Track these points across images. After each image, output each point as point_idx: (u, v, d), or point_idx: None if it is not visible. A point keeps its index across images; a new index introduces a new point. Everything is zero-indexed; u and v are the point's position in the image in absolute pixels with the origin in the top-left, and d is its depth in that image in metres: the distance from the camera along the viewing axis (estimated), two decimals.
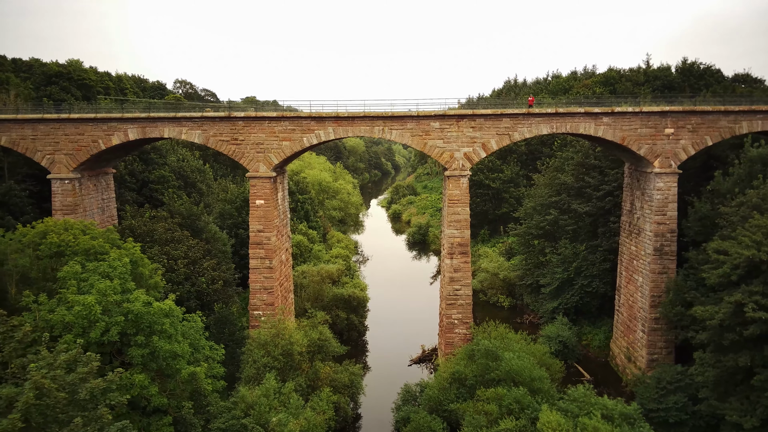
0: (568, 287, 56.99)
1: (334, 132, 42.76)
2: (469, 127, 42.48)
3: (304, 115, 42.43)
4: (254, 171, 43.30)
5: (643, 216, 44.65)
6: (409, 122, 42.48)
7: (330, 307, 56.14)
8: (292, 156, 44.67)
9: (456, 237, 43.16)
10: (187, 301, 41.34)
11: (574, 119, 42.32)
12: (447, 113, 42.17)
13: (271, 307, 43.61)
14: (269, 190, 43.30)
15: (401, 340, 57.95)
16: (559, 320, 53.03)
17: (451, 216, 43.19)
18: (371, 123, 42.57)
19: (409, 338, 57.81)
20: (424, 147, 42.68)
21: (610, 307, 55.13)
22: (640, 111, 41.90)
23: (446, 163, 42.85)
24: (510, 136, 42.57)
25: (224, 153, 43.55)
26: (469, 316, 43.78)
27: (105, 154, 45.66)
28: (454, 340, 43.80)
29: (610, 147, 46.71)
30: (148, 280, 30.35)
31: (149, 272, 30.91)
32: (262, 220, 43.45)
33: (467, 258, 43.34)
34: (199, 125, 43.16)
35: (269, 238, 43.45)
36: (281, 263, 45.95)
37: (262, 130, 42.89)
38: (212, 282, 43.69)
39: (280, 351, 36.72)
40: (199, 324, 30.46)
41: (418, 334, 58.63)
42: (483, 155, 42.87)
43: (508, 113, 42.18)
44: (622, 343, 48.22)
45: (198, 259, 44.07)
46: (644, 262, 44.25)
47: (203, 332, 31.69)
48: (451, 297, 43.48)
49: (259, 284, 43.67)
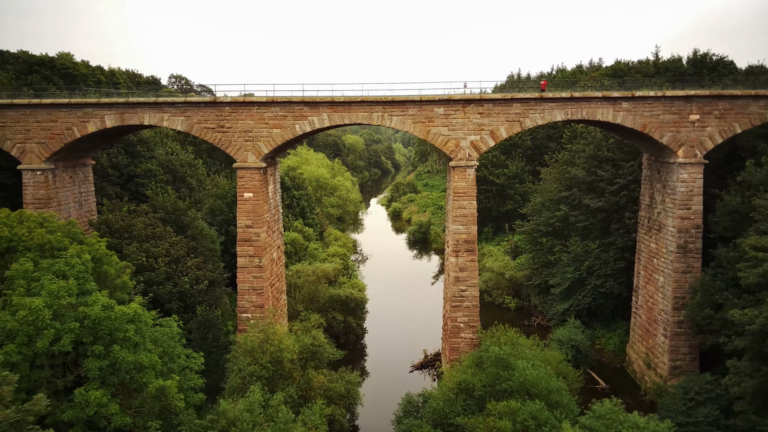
0: (579, 288, 53.44)
1: (329, 119, 39.22)
2: (477, 113, 38.94)
3: (297, 99, 38.88)
4: (242, 161, 39.77)
5: (665, 210, 41.12)
6: (411, 108, 38.95)
7: (326, 308, 52.63)
8: (284, 145, 41.14)
9: (462, 233, 39.62)
10: (168, 302, 37.83)
11: (590, 104, 38.79)
12: (452, 98, 38.65)
13: (261, 309, 40.09)
14: (258, 181, 39.77)
15: (402, 343, 54.42)
16: (571, 323, 49.48)
17: (457, 210, 39.67)
18: (369, 108, 39.04)
19: (411, 342, 54.29)
20: (427, 135, 39.15)
21: (625, 309, 51.59)
22: (663, 95, 38.38)
23: (451, 152, 39.32)
24: (521, 123, 39.04)
25: (210, 141, 40.02)
26: (476, 319, 40.26)
27: (82, 144, 42.13)
28: (460, 345, 40.28)
29: (628, 136, 43.17)
30: (113, 280, 26.75)
31: (115, 271, 27.29)
32: (250, 214, 39.92)
33: (474, 256, 39.81)
34: (182, 111, 39.62)
35: (258, 235, 39.93)
36: (272, 262, 42.42)
37: (251, 116, 39.36)
38: (197, 282, 40.14)
39: (269, 358, 33.20)
40: (175, 329, 26.90)
41: (420, 337, 55.10)
42: (491, 144, 39.33)
43: (519, 98, 38.66)
44: (641, 348, 44.67)
45: (181, 257, 40.52)
46: (666, 260, 40.71)
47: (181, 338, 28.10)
48: (456, 298, 39.95)
49: (247, 284, 40.13)
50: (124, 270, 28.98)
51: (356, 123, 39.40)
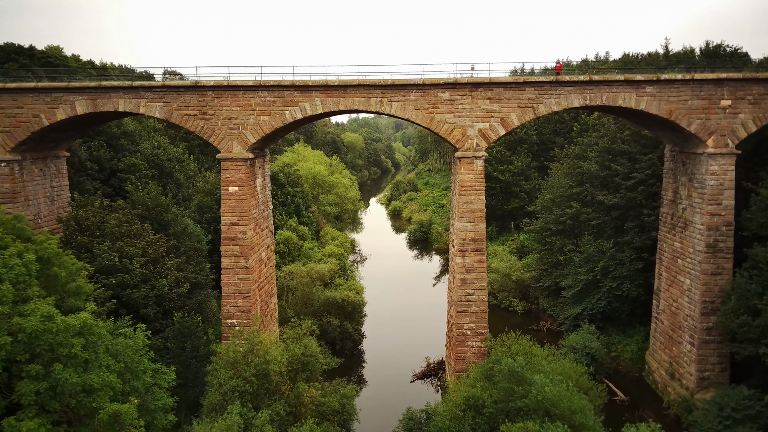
0: (593, 290, 49.78)
1: (322, 104, 35.53)
2: (485, 99, 35.26)
3: (286, 83, 35.19)
4: (226, 151, 36.10)
5: (692, 206, 37.43)
6: (413, 92, 35.26)
7: (321, 312, 48.96)
8: (273, 134, 37.45)
9: (469, 231, 35.94)
10: (144, 307, 34.14)
11: (611, 89, 35.10)
12: (458, 81, 34.96)
13: (248, 314, 36.40)
14: (245, 174, 36.08)
15: (402, 350, 50.76)
16: (585, 328, 45.79)
17: (463, 206, 35.98)
18: (367, 93, 35.35)
19: (412, 348, 50.63)
20: (430, 123, 35.47)
21: (643, 314, 47.90)
22: (691, 78, 34.69)
23: (457, 141, 35.64)
24: (534, 109, 35.35)
25: (191, 130, 36.34)
26: (484, 325, 36.57)
27: (52, 133, 38.46)
28: (467, 354, 36.60)
29: (651, 124, 39.48)
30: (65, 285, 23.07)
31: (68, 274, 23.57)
32: (236, 210, 36.24)
33: (482, 256, 36.12)
34: (161, 96, 35.94)
35: (245, 233, 36.24)
36: (260, 262, 38.74)
37: (236, 101, 35.67)
38: (177, 284, 36.43)
39: (254, 371, 29.48)
40: (140, 341, 23.21)
41: (422, 343, 51.45)
42: (501, 132, 35.64)
43: (533, 81, 34.98)
44: (663, 356, 40.99)
45: (160, 257, 36.81)
46: (693, 261, 37.04)
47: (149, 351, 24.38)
48: (462, 303, 36.26)
49: (233, 287, 36.44)
50: (79, 272, 25.27)
51: (352, 110, 35.73)
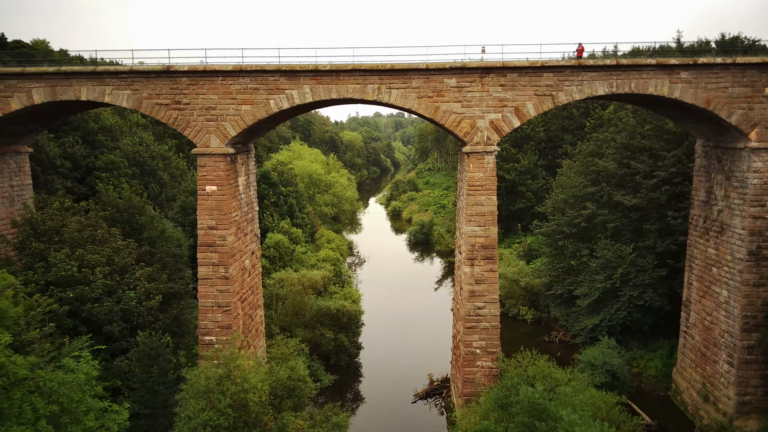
0: (611, 299, 45.50)
1: (311, 92, 31.22)
2: (498, 86, 30.95)
3: (271, 68, 30.88)
4: (203, 146, 31.80)
5: (729, 208, 33.15)
6: (415, 78, 30.95)
7: (313, 324, 44.67)
8: (257, 126, 33.14)
9: (479, 236, 31.64)
10: (108, 324, 29.83)
11: (641, 74, 30.80)
12: (467, 65, 30.65)
13: (228, 330, 32.10)
14: (224, 172, 31.77)
15: (403, 364, 46.47)
16: (604, 342, 41.53)
17: (472, 208, 31.69)
18: (363, 79, 31.04)
19: (413, 362, 46.37)
20: (435, 113, 31.16)
21: (668, 326, 43.69)
22: (732, 63, 30.38)
23: (465, 135, 31.33)
24: (553, 98, 31.04)
25: (162, 121, 32.02)
26: (495, 343, 32.28)
27: (9, 125, 34.18)
28: (476, 375, 32.31)
29: (683, 115, 35.16)
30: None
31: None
32: (214, 213, 31.92)
33: (494, 265, 31.82)
34: (128, 83, 31.61)
35: (224, 238, 31.93)
36: (243, 271, 34.42)
37: (214, 89, 31.35)
38: (147, 297, 32.09)
39: (229, 401, 25.17)
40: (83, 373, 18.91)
41: (424, 356, 47.18)
42: (516, 124, 31.34)
43: (552, 65, 30.67)
44: (694, 375, 36.71)
45: (128, 265, 32.49)
46: (731, 270, 32.76)
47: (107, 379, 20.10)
48: (471, 318, 31.95)
49: (210, 300, 32.13)
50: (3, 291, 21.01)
51: (346, 98, 31.39)
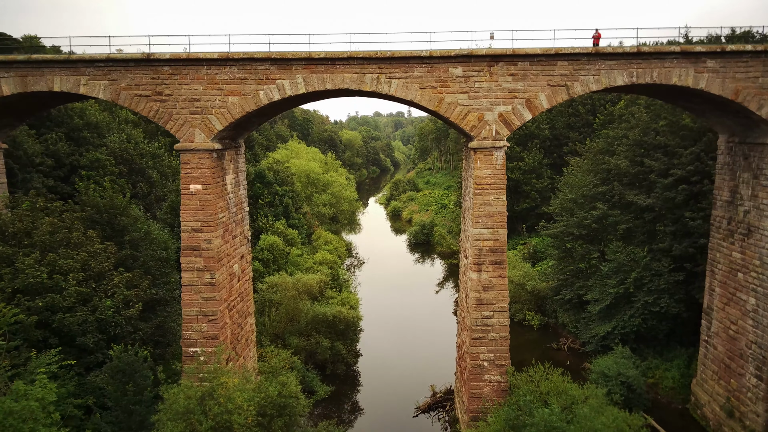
0: (624, 305, 42.92)
1: (304, 82, 28.66)
2: (507, 75, 28.40)
3: (260, 55, 28.31)
4: (187, 141, 29.25)
5: (758, 209, 30.61)
6: (418, 67, 28.39)
7: (308, 331, 42.10)
8: (246, 120, 30.57)
9: (486, 239, 29.09)
10: (82, 335, 27.26)
11: (663, 63, 28.25)
12: (474, 53, 28.09)
13: (214, 341, 29.55)
14: (209, 169, 29.22)
15: (403, 373, 43.93)
16: (618, 351, 38.98)
17: (479, 208, 29.14)
18: (360, 68, 28.48)
19: (414, 371, 43.86)
20: (439, 105, 28.60)
21: (684, 333, 41.18)
22: (764, 50, 27.82)
23: (472, 129, 28.78)
24: (568, 88, 28.49)
25: (143, 114, 29.45)
26: (504, 355, 29.73)
27: None
28: (483, 391, 29.75)
29: (704, 109, 32.61)
30: None
31: None
32: (198, 213, 29.36)
33: (503, 270, 29.27)
34: (105, 73, 29.04)
35: (210, 241, 29.37)
36: (232, 277, 31.86)
37: (198, 79, 28.79)
38: (126, 305, 29.51)
39: (212, 423, 22.67)
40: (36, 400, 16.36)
41: (426, 365, 44.69)
42: (527, 117, 28.79)
43: (567, 53, 28.12)
44: (716, 389, 34.17)
45: (106, 271, 29.91)
46: (760, 275, 30.22)
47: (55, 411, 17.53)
48: (478, 328, 29.39)
49: (195, 308, 29.57)
50: None
51: (342, 89, 28.82)
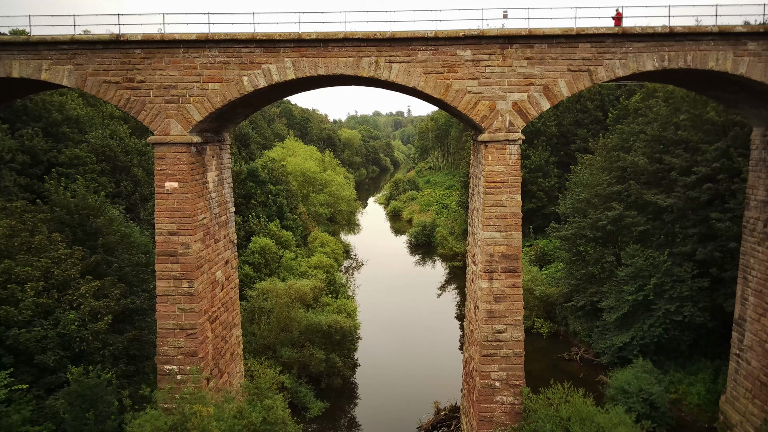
0: (643, 314, 39.76)
1: (294, 67, 25.44)
2: (523, 59, 25.19)
3: (244, 36, 25.11)
4: (162, 133, 26.02)
5: None
6: (422, 49, 25.18)
7: (301, 342, 38.89)
8: (229, 110, 27.34)
9: (499, 244, 25.85)
10: (41, 353, 24.05)
11: (699, 45, 25.04)
12: (485, 34, 24.88)
13: (193, 358, 26.34)
14: (187, 165, 26.00)
15: (405, 388, 40.72)
16: (639, 365, 35.80)
17: (491, 209, 25.90)
18: (357, 51, 25.26)
19: (416, 385, 40.70)
20: (445, 93, 25.38)
21: (709, 345, 38.11)
22: None
23: (482, 120, 25.56)
24: (591, 74, 25.27)
25: (112, 103, 26.24)
26: (519, 374, 26.50)
27: None
28: (494, 413, 26.52)
29: (739, 99, 29.38)
30: None
31: None
32: (175, 215, 26.16)
33: (517, 279, 26.04)
34: (70, 57, 25.82)
35: (188, 246, 26.16)
36: (214, 285, 28.63)
37: (175, 63, 25.57)
38: (93, 318, 26.29)
39: None
40: None
41: (429, 377, 41.58)
42: (545, 107, 25.58)
43: (589, 34, 24.91)
44: (750, 408, 30.96)
45: (71, 279, 26.70)
46: None
47: None
48: (489, 344, 26.16)
49: (171, 321, 26.36)
50: None
51: (336, 74, 25.59)
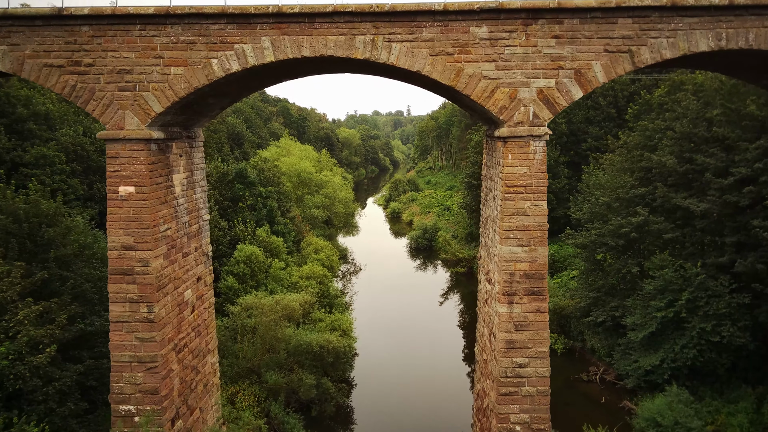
0: (674, 332, 35.45)
1: (273, 47, 21.05)
2: (550, 38, 20.81)
3: (213, 11, 20.73)
4: (115, 127, 21.61)
5: None
6: (428, 26, 20.79)
7: (290, 364, 34.52)
8: (196, 99, 22.93)
9: (520, 260, 21.45)
10: None
11: (764, 21, 20.68)
12: (504, 6, 20.49)
13: (154, 396, 21.95)
14: (146, 165, 21.59)
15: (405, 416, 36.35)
16: (674, 393, 31.50)
17: (511, 219, 21.49)
18: (349, 27, 20.87)
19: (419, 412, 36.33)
20: (456, 79, 20.99)
21: (751, 368, 33.71)
22: None
23: (501, 111, 21.17)
24: (632, 56, 20.87)
25: (55, 91, 21.87)
26: (544, 416, 22.10)
27: None
28: None
29: None
30: None
31: None
32: (131, 225, 21.74)
33: (542, 303, 21.64)
34: (4, 35, 21.42)
35: (147, 263, 21.76)
36: (181, 307, 24.24)
37: (130, 43, 21.16)
38: (33, 349, 21.89)
39: None
40: None
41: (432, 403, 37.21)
42: (577, 95, 21.19)
43: (631, 6, 20.51)
44: None
45: (8, 303, 22.29)
46: None
47: None
48: (509, 380, 21.78)
49: (127, 353, 21.98)
50: None
51: (325, 56, 21.18)
